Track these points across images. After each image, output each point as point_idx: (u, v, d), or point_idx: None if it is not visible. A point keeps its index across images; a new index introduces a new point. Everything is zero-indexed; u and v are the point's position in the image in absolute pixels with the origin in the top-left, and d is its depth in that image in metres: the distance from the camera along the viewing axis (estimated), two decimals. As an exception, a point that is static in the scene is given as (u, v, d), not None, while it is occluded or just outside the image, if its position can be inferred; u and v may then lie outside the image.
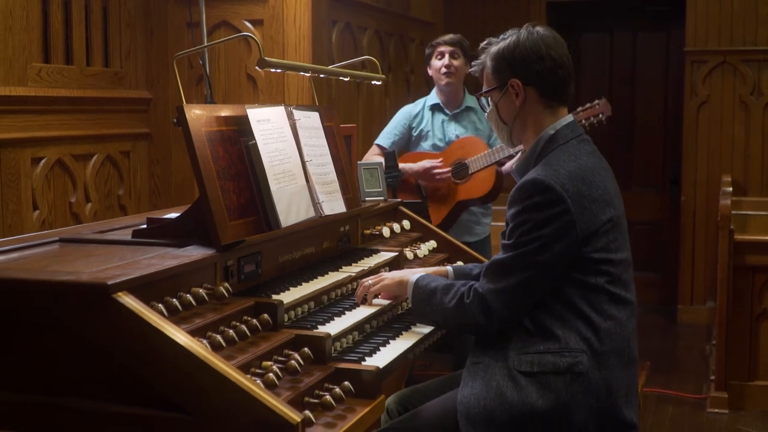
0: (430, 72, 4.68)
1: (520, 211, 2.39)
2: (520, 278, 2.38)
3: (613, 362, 2.41)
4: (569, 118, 2.58)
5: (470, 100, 4.67)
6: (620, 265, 2.45)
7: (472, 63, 2.72)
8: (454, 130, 4.62)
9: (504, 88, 2.56)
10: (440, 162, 4.46)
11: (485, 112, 2.69)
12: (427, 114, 4.68)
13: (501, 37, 2.61)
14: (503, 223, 2.49)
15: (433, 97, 4.71)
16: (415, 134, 4.69)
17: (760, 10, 6.76)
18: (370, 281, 2.73)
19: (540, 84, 2.53)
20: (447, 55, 4.55)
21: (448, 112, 4.66)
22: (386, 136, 4.69)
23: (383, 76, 3.69)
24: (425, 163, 4.46)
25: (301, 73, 4.22)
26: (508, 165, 4.39)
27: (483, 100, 2.67)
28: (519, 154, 4.28)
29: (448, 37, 4.63)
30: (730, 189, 5.87)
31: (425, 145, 4.65)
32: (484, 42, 2.64)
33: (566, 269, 2.38)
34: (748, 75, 6.79)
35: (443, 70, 4.55)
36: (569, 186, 2.36)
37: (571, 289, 2.39)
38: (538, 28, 2.58)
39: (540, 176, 2.38)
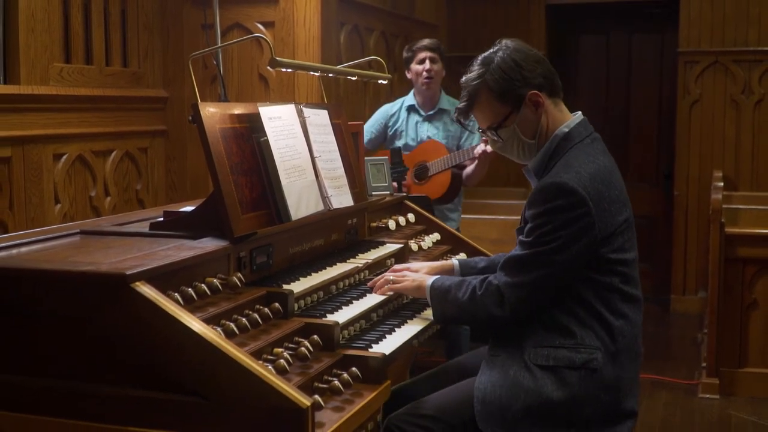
0: (409, 75, 4.76)
1: (543, 212, 2.35)
2: (537, 275, 2.36)
3: (624, 359, 2.41)
4: (580, 116, 2.55)
5: (445, 102, 4.74)
6: (632, 264, 2.44)
7: (457, 107, 2.60)
8: (426, 131, 4.69)
9: (520, 106, 2.49)
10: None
11: (501, 144, 2.55)
12: (403, 114, 4.76)
13: (476, 68, 2.51)
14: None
15: (411, 98, 4.79)
16: (390, 132, 4.78)
17: (751, 12, 6.74)
18: (392, 276, 2.72)
19: (547, 85, 2.50)
20: (427, 61, 4.62)
21: (422, 113, 4.73)
22: (364, 133, 4.70)
23: (389, 75, 3.68)
24: None
25: (311, 73, 4.20)
26: (470, 168, 4.47)
27: (489, 132, 2.53)
28: (477, 162, 4.33)
29: (427, 42, 4.68)
30: (722, 184, 5.86)
31: (398, 143, 4.69)
32: (461, 81, 2.54)
33: (583, 269, 2.36)
34: (738, 74, 6.77)
35: (424, 74, 4.62)
36: (591, 188, 2.33)
37: (587, 289, 2.38)
38: (507, 41, 2.53)
39: (563, 179, 2.34)
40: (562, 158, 2.44)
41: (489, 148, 4.09)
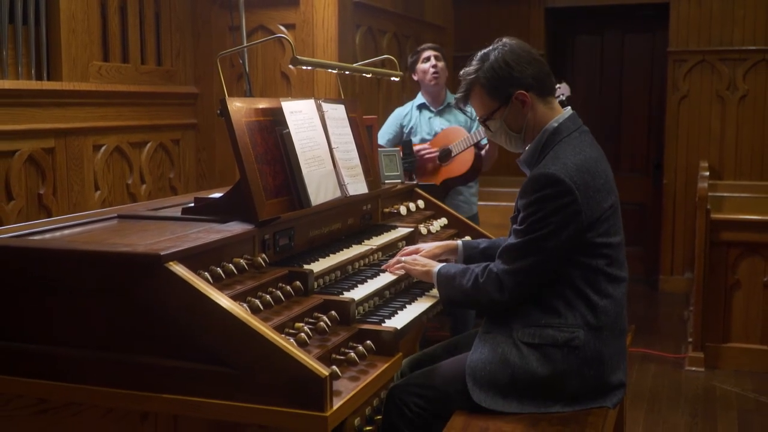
0: (415, 77, 4.66)
1: (533, 201, 2.35)
2: (531, 261, 2.35)
3: (606, 335, 2.40)
4: (569, 111, 2.53)
5: (451, 98, 4.66)
6: (617, 248, 2.43)
7: (456, 96, 2.59)
8: (439, 125, 4.62)
9: (508, 102, 2.48)
10: (428, 145, 4.49)
11: (491, 134, 2.56)
12: (415, 113, 4.67)
13: (474, 63, 2.50)
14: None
15: (420, 98, 4.71)
16: (406, 131, 4.69)
17: (736, 14, 6.67)
18: (404, 259, 2.71)
19: (537, 85, 2.47)
20: (432, 58, 4.55)
21: (433, 109, 4.65)
22: (382, 136, 4.69)
23: (401, 73, 3.67)
24: (415, 148, 4.47)
25: (329, 71, 4.20)
26: (484, 152, 4.42)
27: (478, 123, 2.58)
28: (489, 145, 4.31)
29: (429, 44, 4.65)
30: (707, 173, 5.82)
31: (415, 140, 4.64)
32: (460, 73, 2.53)
33: (571, 253, 2.36)
34: (724, 72, 6.71)
35: (431, 71, 4.54)
36: (577, 178, 2.32)
37: (574, 271, 2.37)
38: (506, 40, 2.50)
39: (551, 170, 2.33)
40: (551, 151, 2.43)
41: None
